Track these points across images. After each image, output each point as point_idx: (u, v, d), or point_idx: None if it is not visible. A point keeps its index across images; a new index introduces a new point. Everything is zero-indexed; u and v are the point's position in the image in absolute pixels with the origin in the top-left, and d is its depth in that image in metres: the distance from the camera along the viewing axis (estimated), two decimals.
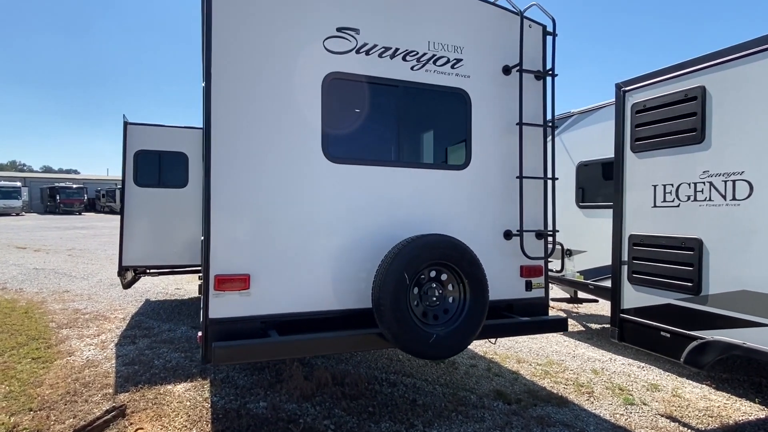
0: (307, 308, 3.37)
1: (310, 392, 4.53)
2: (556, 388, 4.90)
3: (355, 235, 3.51)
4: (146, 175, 7.00)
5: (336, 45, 3.51)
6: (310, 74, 3.44)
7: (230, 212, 3.20)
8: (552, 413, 4.27)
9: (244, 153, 3.26)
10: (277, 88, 3.35)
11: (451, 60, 3.85)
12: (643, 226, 4.37)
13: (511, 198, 4.01)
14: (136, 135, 6.89)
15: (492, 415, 4.20)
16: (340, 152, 3.51)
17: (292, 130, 3.39)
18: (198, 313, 7.87)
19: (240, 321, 3.19)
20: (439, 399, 4.51)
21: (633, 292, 4.44)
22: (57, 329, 6.79)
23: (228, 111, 3.21)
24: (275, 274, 3.30)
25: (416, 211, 3.70)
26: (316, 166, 3.44)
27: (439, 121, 3.95)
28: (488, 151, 3.97)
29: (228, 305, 3.17)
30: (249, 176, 3.27)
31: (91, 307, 8.29)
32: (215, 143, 3.16)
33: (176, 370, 5.18)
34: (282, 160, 3.35)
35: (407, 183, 3.70)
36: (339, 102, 3.52)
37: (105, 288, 10.20)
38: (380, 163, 3.64)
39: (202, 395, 4.53)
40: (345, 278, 3.46)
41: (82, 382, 4.85)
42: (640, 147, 4.40)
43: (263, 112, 3.31)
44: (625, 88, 4.57)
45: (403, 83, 3.70)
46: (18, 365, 5.31)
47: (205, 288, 3.12)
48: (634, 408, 4.44)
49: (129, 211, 6.84)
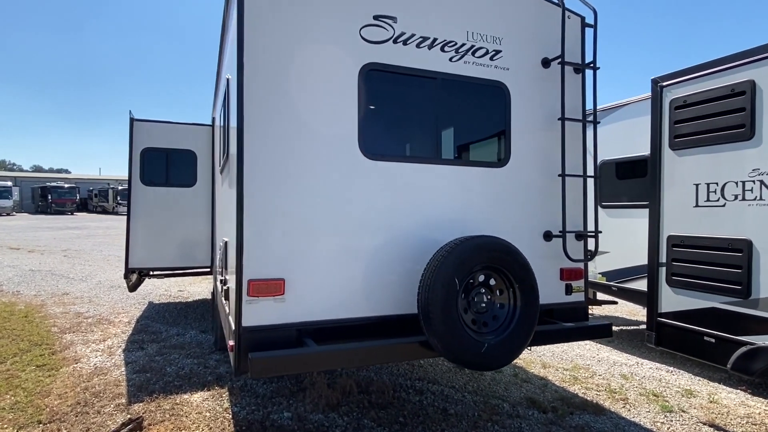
0: (344, 315, 3.15)
1: (335, 401, 4.31)
2: (588, 394, 4.72)
3: (393, 236, 3.30)
4: (153, 173, 6.74)
5: (373, 34, 3.29)
6: (347, 65, 3.22)
7: (264, 213, 2.98)
8: (590, 422, 4.08)
9: (278, 151, 3.03)
10: (311, 81, 3.13)
11: (490, 51, 3.65)
12: (683, 227, 4.19)
13: (551, 197, 3.81)
14: (143, 132, 6.63)
15: (529, 424, 4.01)
16: (377, 148, 3.29)
17: (328, 125, 3.17)
18: (203, 317, 7.62)
19: (274, 329, 2.97)
20: (471, 408, 4.31)
21: (672, 295, 4.27)
22: (60, 334, 6.51)
23: (261, 107, 2.98)
24: (311, 278, 3.08)
25: (454, 211, 3.49)
26: (353, 164, 3.22)
27: (477, 116, 3.74)
28: (527, 148, 3.77)
29: (262, 312, 2.94)
30: (283, 175, 3.04)
31: (93, 310, 8.00)
32: (248, 141, 2.93)
33: (191, 378, 4.94)
34: (317, 158, 3.13)
35: (445, 181, 3.49)
36: (375, 95, 3.31)
37: (105, 290, 9.91)
38: (417, 160, 3.43)
39: (221, 405, 4.29)
40: (383, 282, 3.24)
41: (92, 391, 4.59)
42: (680, 144, 4.22)
43: (297, 107, 3.09)
44: (662, 83, 4.40)
45: (440, 75, 3.49)
46: (22, 373, 5.05)
47: (237, 294, 2.90)
48: (674, 415, 4.26)
49: (135, 211, 6.57)
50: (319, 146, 3.14)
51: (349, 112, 3.22)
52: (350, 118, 3.22)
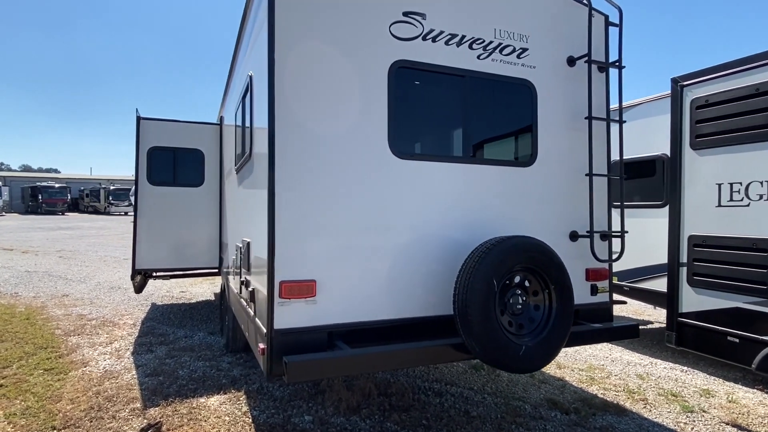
0: (374, 317, 3.09)
1: (355, 404, 4.25)
2: (607, 395, 4.70)
3: (423, 237, 3.25)
4: (160, 172, 6.62)
5: (402, 31, 3.24)
6: (376, 62, 3.16)
7: (295, 214, 2.91)
8: (614, 423, 4.06)
9: (309, 151, 2.97)
10: (342, 78, 3.07)
11: (517, 49, 3.61)
12: (705, 227, 4.19)
13: (577, 197, 3.78)
14: (150, 131, 6.51)
15: (554, 426, 3.97)
16: (406, 147, 3.24)
17: (358, 123, 3.11)
18: (209, 318, 7.52)
19: (306, 332, 2.90)
20: (493, 410, 4.27)
21: (693, 295, 4.26)
22: (64, 337, 6.39)
23: (292, 106, 2.91)
24: (341, 279, 3.01)
25: (482, 211, 3.45)
26: (383, 163, 3.16)
27: (504, 115, 3.70)
28: (553, 147, 3.73)
29: (294, 315, 2.88)
30: (314, 175, 2.97)
31: (95, 312, 7.87)
32: (279, 141, 2.86)
33: (205, 381, 4.85)
34: (347, 157, 3.07)
35: (473, 181, 3.44)
36: (404, 93, 3.25)
37: (105, 291, 9.76)
38: (445, 159, 3.38)
39: (239, 409, 4.21)
40: (413, 284, 3.19)
41: (104, 395, 4.49)
42: (702, 144, 4.22)
43: (328, 105, 3.03)
44: (682, 83, 4.39)
45: (469, 73, 3.44)
46: (30, 377, 4.93)
47: (269, 296, 2.82)
48: (695, 416, 4.25)
49: (142, 211, 6.45)
50: (349, 145, 3.08)
51: (379, 110, 3.16)
52: (380, 116, 3.16)
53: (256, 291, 3.27)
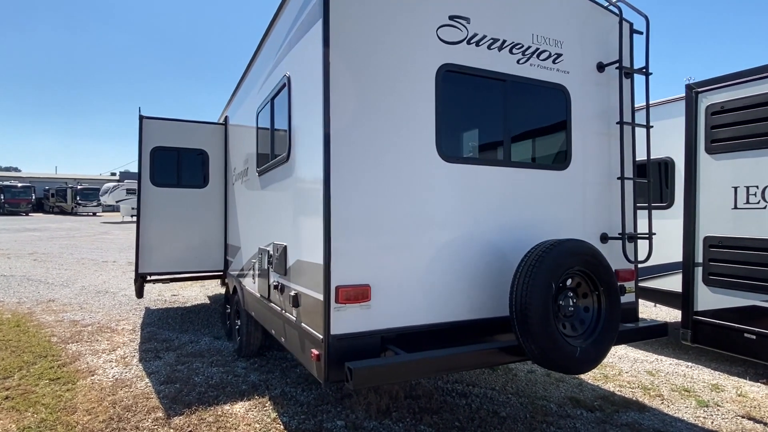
0: (424, 321, 3.09)
1: (384, 407, 4.24)
2: (624, 392, 4.83)
3: (470, 240, 3.27)
4: (164, 174, 6.43)
5: (448, 34, 3.24)
6: (424, 65, 3.16)
7: (349, 217, 2.88)
8: (639, 419, 4.17)
9: (362, 154, 2.95)
10: (392, 81, 3.05)
11: (552, 54, 3.67)
12: (721, 228, 4.35)
13: (606, 199, 3.88)
14: (153, 130, 6.31)
15: (583, 424, 4.05)
16: (452, 151, 3.26)
17: (408, 127, 3.10)
18: (210, 323, 7.35)
19: (360, 337, 2.88)
20: (520, 409, 4.32)
21: (709, 294, 4.42)
22: (62, 344, 6.13)
23: (346, 110, 2.88)
24: (393, 283, 3.00)
25: (523, 214, 3.49)
26: (431, 166, 3.16)
27: (541, 119, 3.75)
28: (585, 151, 3.81)
29: (349, 320, 2.85)
30: (367, 179, 2.96)
31: (88, 317, 7.58)
32: (335, 145, 2.83)
33: (224, 388, 4.73)
34: (398, 161, 3.06)
35: (514, 184, 3.48)
36: (450, 97, 3.25)
37: (92, 296, 9.41)
38: (489, 163, 3.41)
39: (268, 415, 4.13)
40: (461, 287, 3.21)
41: (122, 405, 4.33)
42: (717, 148, 4.38)
43: (378, 109, 3.01)
44: (698, 89, 4.55)
45: (509, 77, 3.48)
46: (36, 388, 4.71)
47: (325, 301, 2.78)
48: (711, 410, 4.42)
49: (146, 213, 6.25)
50: (399, 149, 3.07)
51: (427, 113, 3.16)
52: (428, 119, 3.16)
53: (301, 296, 3.22)
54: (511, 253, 3.33)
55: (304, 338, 3.13)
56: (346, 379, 2.64)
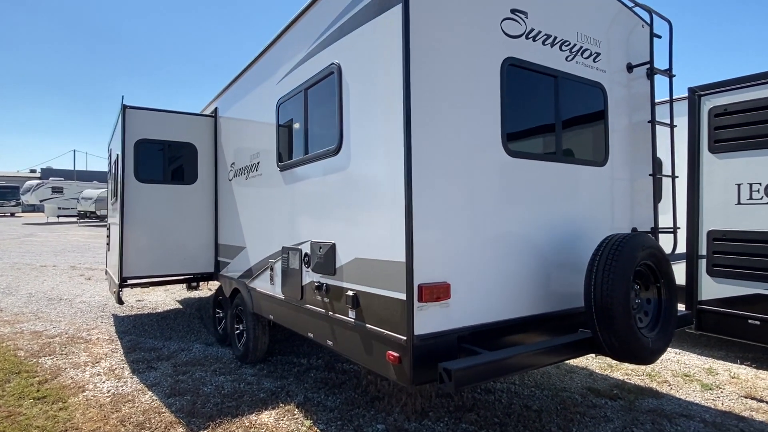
0: (496, 317, 3.05)
1: (420, 408, 4.15)
2: (633, 379, 5.05)
3: (534, 235, 3.27)
4: (149, 168, 5.92)
5: (511, 28, 3.22)
6: (491, 58, 3.12)
7: (430, 213, 2.78)
8: (659, 405, 4.37)
9: (440, 149, 2.86)
10: (464, 74, 2.99)
11: (593, 53, 3.75)
12: (725, 222, 4.66)
13: (636, 195, 4.03)
14: (137, 121, 5.78)
15: (613, 412, 4.19)
16: (515, 146, 3.23)
17: (477, 121, 3.05)
18: (191, 329, 6.90)
19: (440, 336, 2.78)
20: (549, 402, 4.40)
21: (713, 284, 4.72)
22: (33, 358, 5.49)
23: (425, 103, 2.78)
24: (469, 280, 2.93)
25: (571, 208, 3.56)
26: (498, 161, 3.13)
27: (584, 117, 3.81)
28: (619, 148, 3.94)
29: (430, 319, 2.74)
30: (443, 174, 2.87)
31: (51, 328, 6.85)
32: (416, 139, 2.71)
33: (240, 397, 4.43)
34: (470, 156, 3.00)
35: (564, 179, 3.53)
36: (513, 92, 3.23)
37: (45, 304, 8.55)
38: (545, 158, 3.43)
39: (302, 423, 3.91)
40: (529, 282, 3.20)
41: (133, 422, 3.93)
42: (720, 148, 4.68)
43: (454, 103, 2.94)
44: (700, 92, 4.84)
45: (559, 74, 3.52)
46: (22, 409, 4.18)
47: (408, 300, 2.66)
48: (716, 392, 4.72)
49: (130, 212, 5.72)
50: (471, 143, 3.01)
51: (494, 107, 3.12)
52: (494, 114, 3.13)
53: (364, 296, 3.06)
54: (566, 248, 3.38)
55: (372, 340, 2.98)
56: (439, 381, 2.53)
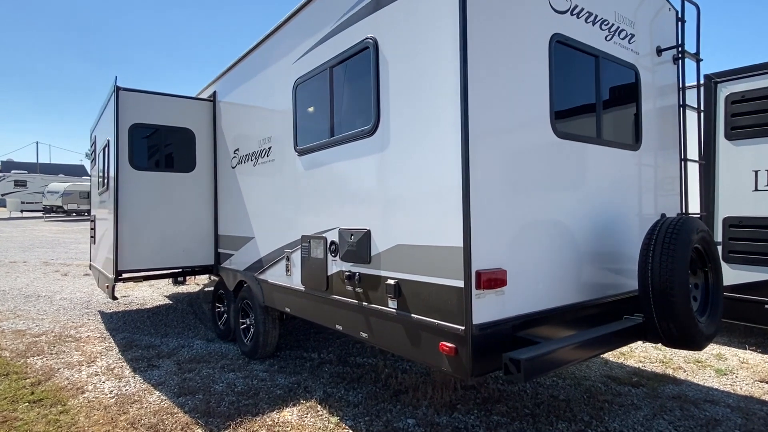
0: (546, 305, 2.93)
1: (447, 400, 4.02)
2: (649, 367, 5.05)
3: (577, 219, 3.16)
4: (144, 155, 5.56)
5: (558, 2, 3.08)
6: (540, 34, 2.98)
7: (486, 196, 2.63)
8: (681, 391, 4.37)
9: (496, 131, 2.71)
10: (515, 51, 2.84)
11: (628, 34, 3.66)
12: (741, 209, 4.68)
13: (665, 179, 3.98)
14: (131, 104, 5.41)
15: (639, 399, 4.15)
16: (563, 127, 3.10)
17: (528, 100, 2.91)
18: (186, 324, 6.58)
19: (496, 325, 2.64)
20: (574, 392, 4.33)
21: (729, 270, 4.74)
22: (20, 359, 5.11)
23: (481, 80, 2.62)
24: (525, 267, 2.80)
25: (611, 192, 3.47)
26: (548, 143, 3.00)
27: (620, 99, 3.71)
28: (650, 132, 3.87)
29: (487, 307, 2.60)
30: (500, 157, 2.73)
31: (35, 326, 6.42)
32: (473, 121, 2.55)
33: (255, 394, 4.20)
34: (522, 136, 2.87)
35: (604, 161, 3.44)
36: (559, 70, 3.10)
37: (22, 301, 8.05)
38: (587, 141, 3.32)
39: (328, 420, 3.73)
40: (579, 268, 3.10)
41: (144, 425, 3.66)
42: (737, 135, 4.70)
43: (507, 80, 2.80)
44: (716, 79, 4.84)
45: (600, 54, 3.41)
46: (17, 414, 3.85)
47: (466, 288, 2.51)
48: (731, 377, 4.76)
49: (124, 202, 5.36)
50: (522, 123, 2.88)
51: (543, 86, 2.99)
52: (544, 93, 3.00)
53: (408, 284, 2.89)
54: (601, 234, 3.30)
55: (420, 331, 2.81)
56: (504, 372, 2.39)
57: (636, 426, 3.68)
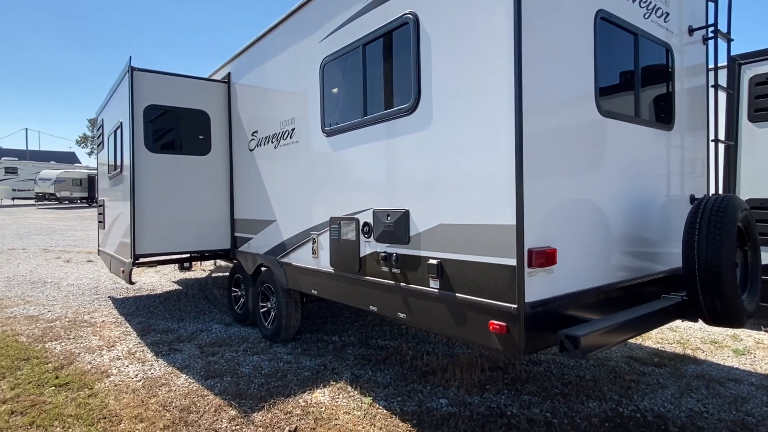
0: (594, 283, 2.94)
1: (476, 381, 4.04)
2: (669, 348, 5.11)
3: (616, 200, 3.15)
4: (160, 137, 5.46)
5: None
6: (587, 8, 2.94)
7: (539, 175, 2.60)
8: (704, 370, 4.42)
9: (548, 107, 2.68)
10: (565, 25, 2.80)
11: (664, 12, 3.62)
12: (763, 191, 4.70)
13: (694, 160, 3.98)
14: (146, 85, 5.29)
15: (663, 378, 4.20)
16: (606, 105, 3.07)
17: (577, 76, 2.88)
18: (200, 309, 6.55)
19: (545, 304, 2.64)
20: (599, 372, 4.37)
21: None
22: (38, 344, 5.05)
23: (535, 58, 2.57)
24: (572, 246, 2.79)
25: (647, 171, 3.47)
26: (593, 121, 2.98)
27: (655, 78, 3.68)
28: (683, 113, 3.86)
29: (538, 286, 2.59)
30: (551, 134, 2.70)
31: (47, 312, 6.35)
32: (527, 97, 2.51)
33: (284, 376, 4.19)
34: (571, 113, 2.84)
35: (641, 141, 3.43)
36: (603, 47, 3.06)
37: (29, 287, 7.95)
38: (627, 119, 3.29)
39: (360, 401, 3.73)
40: (622, 248, 3.11)
41: (176, 407, 3.65)
42: (761, 117, 4.70)
43: (559, 56, 2.77)
44: (741, 61, 4.82)
45: (639, 32, 3.37)
46: (45, 397, 3.81)
47: (519, 266, 2.49)
48: (750, 357, 4.83)
49: (141, 185, 5.27)
50: (572, 100, 2.86)
51: (589, 62, 2.96)
52: (590, 69, 2.96)
53: (450, 264, 2.87)
54: (636, 214, 3.30)
55: (466, 310, 2.80)
56: (560, 349, 2.39)
57: (665, 404, 3.73)
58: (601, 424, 3.40)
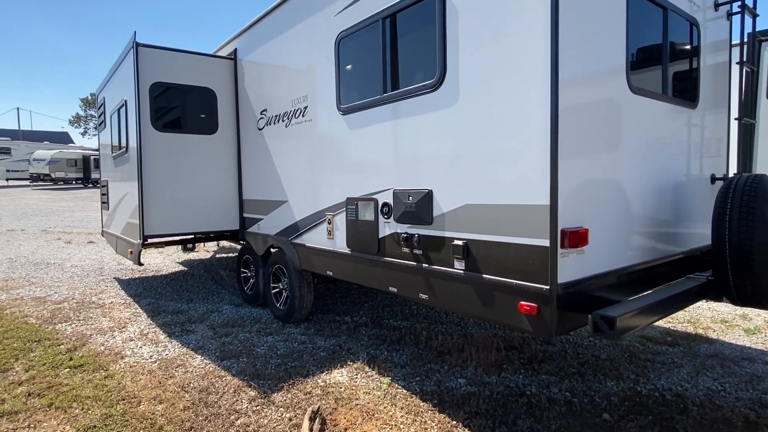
0: (622, 264, 2.91)
1: (493, 361, 4.05)
2: (680, 327, 5.13)
3: (648, 179, 3.11)
4: (167, 116, 5.33)
5: None
6: None
7: (573, 153, 2.55)
8: (716, 349, 4.45)
9: (581, 82, 2.60)
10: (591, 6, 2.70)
11: None
12: None
13: (715, 139, 3.93)
14: (151, 61, 5.14)
15: (678, 357, 4.23)
16: (636, 81, 3.00)
17: (610, 51, 2.80)
18: (207, 290, 6.52)
19: (576, 284, 2.60)
20: (614, 351, 4.39)
21: None
22: (48, 325, 5.02)
23: (571, 31, 2.49)
24: (602, 226, 2.75)
25: (667, 151, 3.41)
26: (624, 100, 2.91)
27: (682, 54, 3.59)
28: (707, 91, 3.78)
29: (570, 266, 2.55)
30: (583, 110, 2.63)
31: (54, 294, 6.31)
32: (563, 71, 2.43)
33: (300, 356, 4.19)
34: (600, 89, 2.76)
35: (668, 118, 3.37)
36: (634, 22, 2.96)
37: (32, 268, 7.89)
38: (656, 97, 3.22)
39: (380, 381, 3.73)
40: (646, 229, 3.07)
41: (194, 388, 3.63)
42: None
43: (593, 29, 2.68)
44: (761, 38, 4.73)
45: (668, 5, 3.27)
46: (60, 379, 3.79)
47: (552, 246, 2.45)
48: (761, 336, 4.86)
49: (149, 165, 5.16)
50: (605, 75, 2.77)
51: (620, 36, 2.86)
52: (621, 44, 2.87)
53: (477, 244, 2.83)
54: (659, 193, 3.25)
55: (493, 292, 2.77)
56: (593, 330, 2.37)
57: (682, 383, 3.75)
58: (621, 403, 3.42)
